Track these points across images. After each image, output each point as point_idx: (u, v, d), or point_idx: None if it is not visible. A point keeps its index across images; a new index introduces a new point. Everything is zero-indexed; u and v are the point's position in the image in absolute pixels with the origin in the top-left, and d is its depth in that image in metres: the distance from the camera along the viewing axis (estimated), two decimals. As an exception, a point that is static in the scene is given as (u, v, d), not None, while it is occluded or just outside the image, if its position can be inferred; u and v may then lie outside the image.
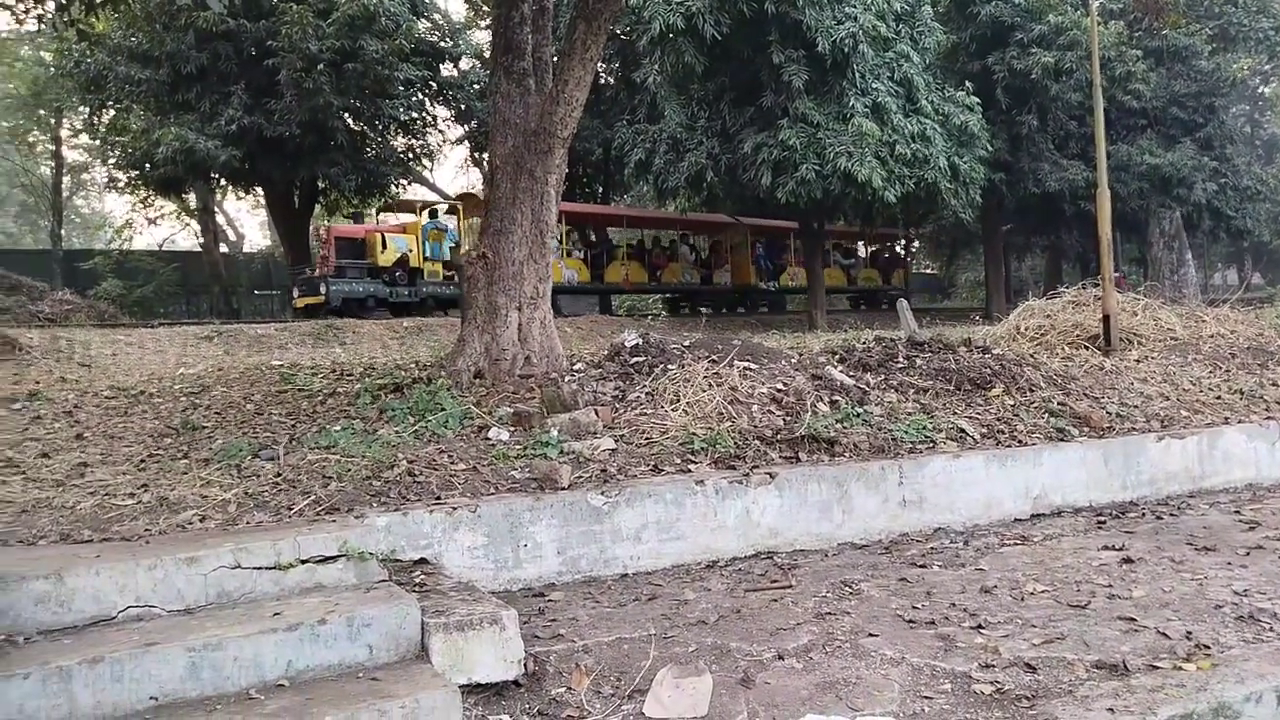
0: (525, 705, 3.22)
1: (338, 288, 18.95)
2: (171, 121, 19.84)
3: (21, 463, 5.44)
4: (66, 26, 9.01)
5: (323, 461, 4.94)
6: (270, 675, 3.03)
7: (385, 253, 19.83)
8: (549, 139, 6.80)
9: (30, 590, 3.18)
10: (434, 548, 4.16)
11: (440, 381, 6.45)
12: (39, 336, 11.57)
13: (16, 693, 2.73)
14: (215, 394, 7.32)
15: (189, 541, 3.71)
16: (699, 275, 25.63)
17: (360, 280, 19.38)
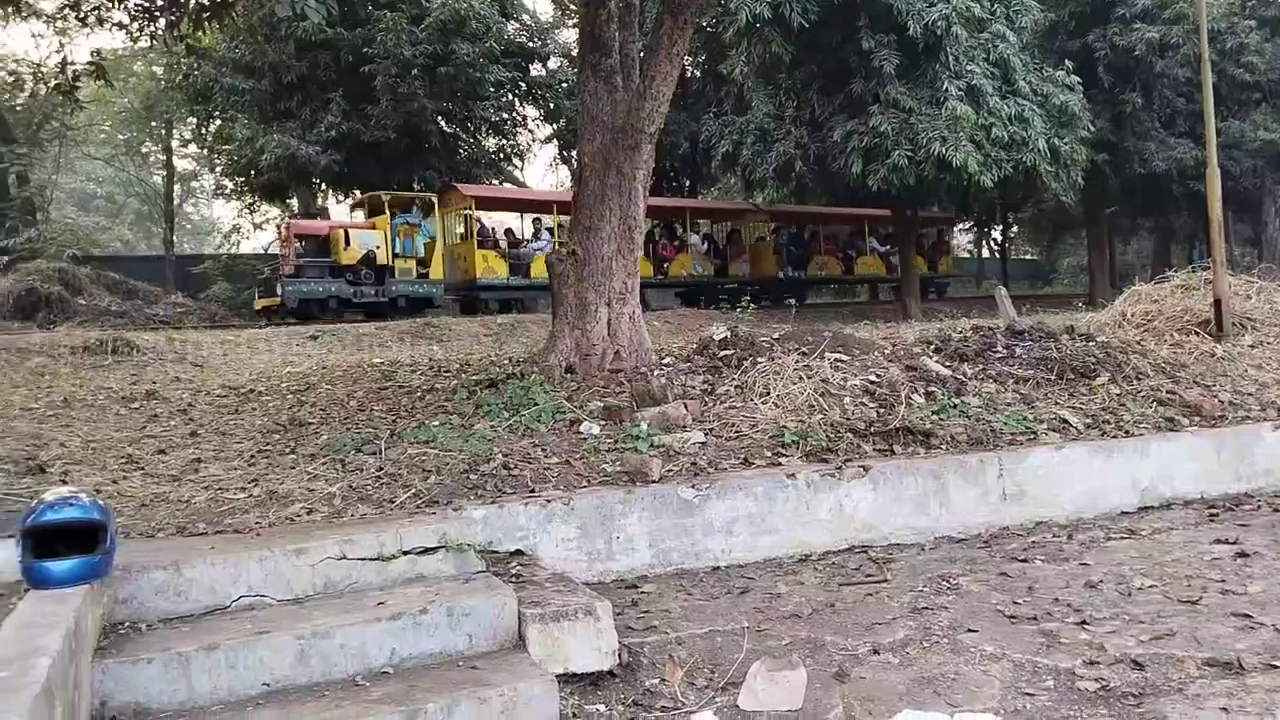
0: (620, 695, 3.26)
1: (294, 288, 17.50)
2: (274, 129, 20.60)
3: (140, 459, 5.73)
4: (176, 41, 9.45)
5: (422, 456, 5.08)
6: (375, 663, 3.14)
7: (349, 250, 18.11)
8: (636, 135, 6.84)
9: (151, 580, 3.36)
10: (529, 539, 4.23)
11: (533, 377, 6.56)
12: (154, 339, 12.17)
13: (141, 677, 2.89)
14: (320, 391, 7.59)
15: (297, 533, 3.86)
16: (712, 267, 23.69)
17: (321, 280, 17.85)
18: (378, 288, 18.23)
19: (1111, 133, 23.13)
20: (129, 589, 3.29)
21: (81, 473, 5.23)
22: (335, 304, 17.83)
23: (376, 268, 18.26)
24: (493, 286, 19.62)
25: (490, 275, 19.45)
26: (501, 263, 19.73)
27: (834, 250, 26.26)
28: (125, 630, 3.20)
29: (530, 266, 19.73)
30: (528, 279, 19.84)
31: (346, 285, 17.95)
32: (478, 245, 19.59)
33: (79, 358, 10.65)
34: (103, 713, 2.82)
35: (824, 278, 26.18)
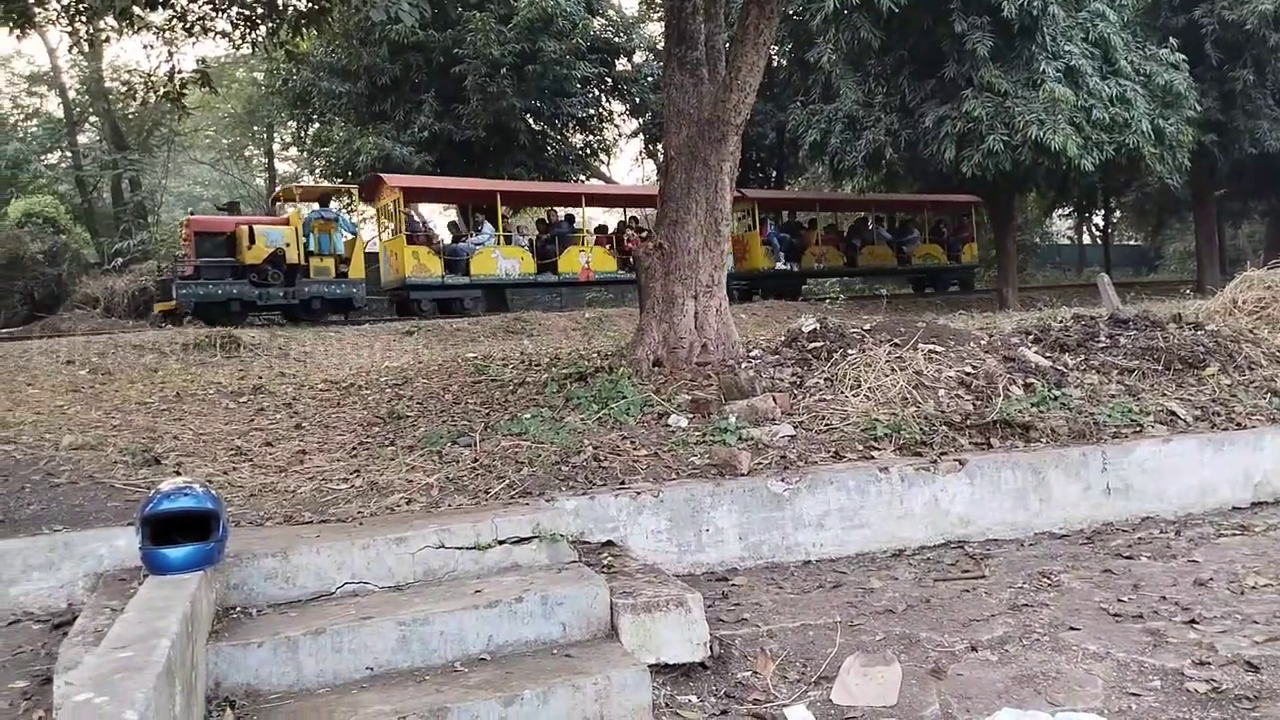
0: (712, 687, 3.27)
1: (189, 291, 15.86)
2: (370, 131, 21.18)
3: (249, 451, 5.98)
4: (276, 48, 9.79)
5: (515, 448, 5.18)
6: (473, 649, 3.23)
7: (253, 248, 16.43)
8: (723, 127, 6.81)
9: (261, 567, 3.51)
10: (619, 531, 4.27)
11: (621, 370, 6.61)
12: (259, 335, 12.64)
13: (253, 660, 3.03)
14: (416, 385, 7.79)
15: (397, 523, 3.99)
16: None
17: (220, 281, 16.15)
18: (287, 289, 16.48)
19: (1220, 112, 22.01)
20: (240, 575, 3.45)
21: (194, 464, 5.49)
22: (238, 307, 16.15)
23: (286, 267, 16.53)
24: (425, 286, 17.58)
25: (422, 274, 17.39)
26: (435, 260, 17.59)
27: (834, 240, 24.09)
28: (237, 615, 3.35)
29: (470, 263, 17.90)
30: (468, 276, 17.91)
31: (250, 287, 16.25)
32: (406, 241, 17.56)
33: (189, 354, 11.13)
34: (217, 693, 2.96)
35: (821, 270, 23.85)
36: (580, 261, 19.20)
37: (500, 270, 18.18)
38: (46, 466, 4.88)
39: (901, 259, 24.23)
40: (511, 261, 18.48)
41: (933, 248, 24.75)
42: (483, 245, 18.24)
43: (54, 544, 3.86)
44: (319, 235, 16.85)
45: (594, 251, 19.57)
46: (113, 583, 3.68)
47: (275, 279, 16.39)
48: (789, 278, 22.52)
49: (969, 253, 25.30)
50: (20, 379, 9.12)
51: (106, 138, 28.23)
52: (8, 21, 8.53)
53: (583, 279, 19.53)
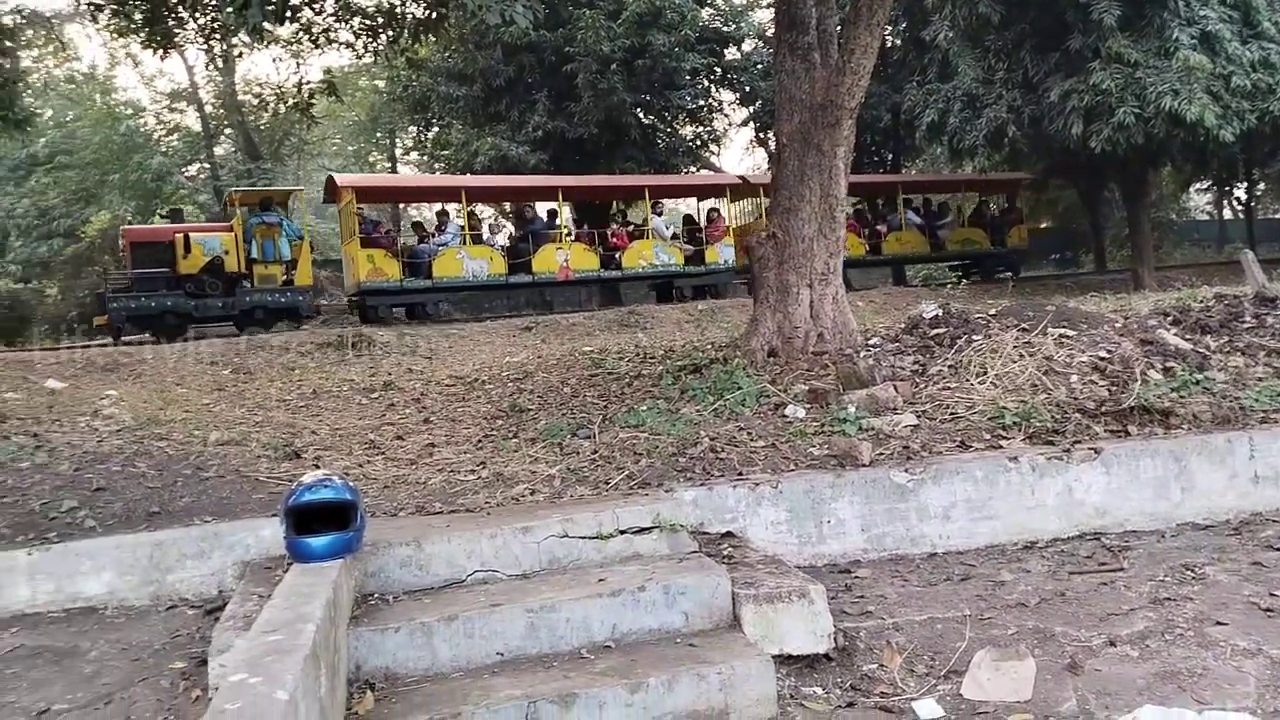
0: (837, 679, 3.25)
1: (120, 305, 15.01)
2: (486, 132, 21.68)
3: (382, 444, 6.23)
4: (397, 56, 10.14)
5: (633, 439, 5.24)
6: (597, 637, 3.29)
7: (189, 257, 15.47)
8: (836, 111, 6.71)
9: (396, 555, 3.67)
10: (738, 522, 4.27)
11: (736, 361, 6.60)
12: (388, 334, 13.15)
13: (390, 644, 3.17)
14: (537, 379, 7.97)
15: (522, 513, 4.09)
16: (681, 255, 19.14)
17: (154, 294, 15.21)
18: (227, 299, 15.55)
19: (1381, 71, 20.36)
20: (377, 563, 3.61)
21: (331, 457, 5.76)
22: (174, 320, 15.23)
23: (225, 276, 15.64)
24: (381, 290, 16.37)
25: (377, 278, 16.20)
26: (392, 262, 16.37)
27: (855, 227, 21.01)
28: (375, 601, 3.51)
29: (432, 265, 16.63)
30: (429, 280, 16.65)
31: (186, 298, 15.30)
32: (361, 243, 16.39)
33: (324, 353, 11.68)
34: (358, 676, 3.10)
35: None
36: (558, 260, 17.70)
37: (466, 271, 16.84)
38: (196, 461, 5.19)
39: (935, 244, 21.83)
40: (479, 262, 17.06)
41: (973, 232, 22.39)
42: (446, 246, 17.00)
43: (205, 534, 4.13)
44: (262, 241, 15.91)
45: (573, 249, 18.00)
46: (259, 570, 3.91)
47: (213, 289, 15.52)
48: None
49: (1016, 236, 22.84)
50: (170, 379, 9.74)
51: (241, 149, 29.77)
52: (151, 43, 9.08)
53: (561, 278, 17.93)
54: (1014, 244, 22.73)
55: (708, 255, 19.15)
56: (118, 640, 3.66)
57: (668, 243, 19.17)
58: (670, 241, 19.21)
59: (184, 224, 17.93)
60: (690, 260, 19.06)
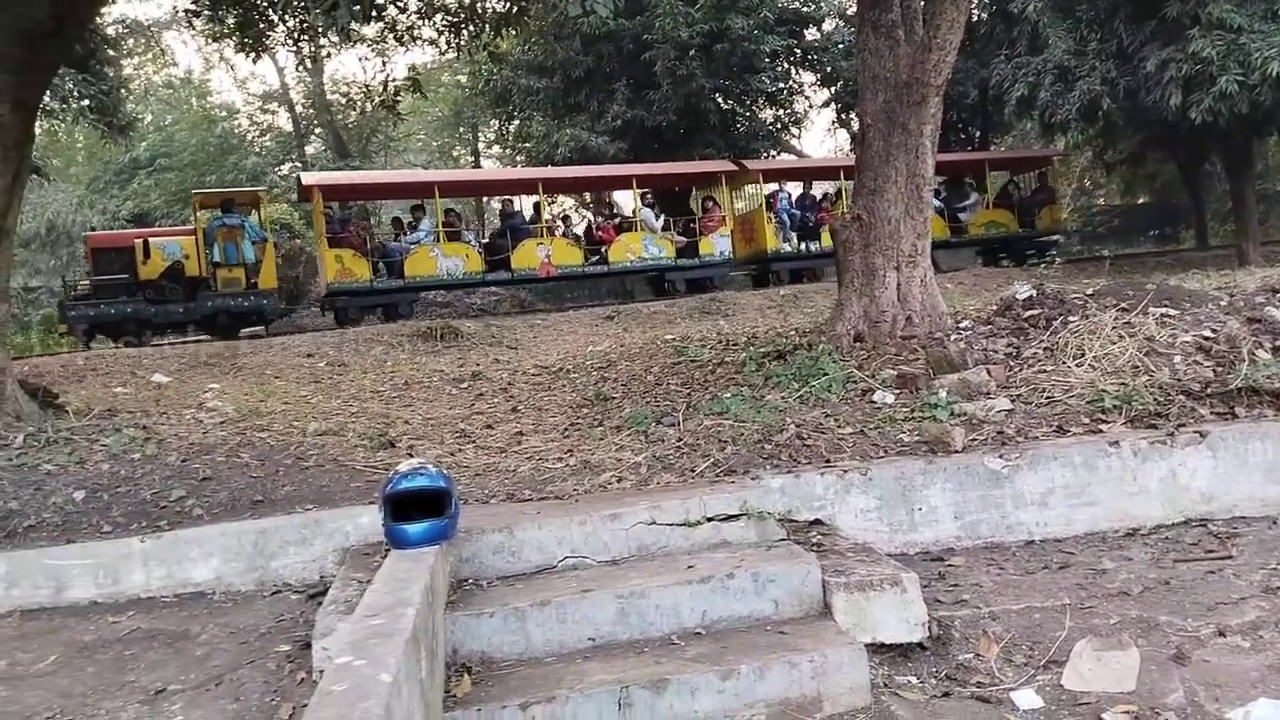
0: (932, 669, 3.20)
1: (79, 313, 14.86)
2: (566, 124, 21.84)
3: (472, 433, 6.35)
4: (479, 50, 10.27)
5: (717, 426, 5.23)
6: (688, 623, 3.31)
7: (149, 263, 15.18)
8: (922, 89, 6.56)
9: (488, 542, 3.74)
10: (827, 509, 4.23)
11: (821, 347, 6.52)
12: (474, 325, 13.38)
13: (485, 629, 3.24)
14: (620, 368, 8.01)
15: (610, 500, 4.13)
16: (672, 247, 18.10)
17: (114, 300, 14.94)
18: (188, 305, 15.27)
19: None
20: (471, 549, 3.69)
21: (424, 446, 5.89)
22: (134, 326, 15.04)
23: (185, 280, 15.31)
24: (350, 291, 15.89)
25: (346, 278, 15.75)
26: (361, 263, 15.94)
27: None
28: (470, 586, 3.59)
29: (404, 264, 16.17)
30: (401, 279, 16.15)
31: (146, 304, 15.05)
32: (329, 243, 15.94)
33: (414, 344, 11.96)
34: (455, 659, 3.18)
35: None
36: (539, 255, 16.99)
37: (440, 270, 16.34)
38: (296, 451, 5.37)
39: (956, 228, 20.33)
40: (454, 260, 16.46)
41: (999, 214, 20.79)
42: (419, 243, 16.52)
43: (306, 522, 4.27)
44: (224, 244, 15.49)
45: (555, 244, 17.27)
46: (358, 557, 4.03)
47: (173, 294, 15.22)
48: (803, 259, 19.18)
49: (1048, 217, 21.23)
50: (269, 373, 10.08)
51: (330, 147, 30.62)
52: (243, 47, 9.39)
53: (543, 274, 17.19)
54: (1045, 226, 21.18)
55: (702, 247, 18.21)
56: (226, 624, 3.82)
57: (658, 234, 18.12)
58: (661, 233, 18.21)
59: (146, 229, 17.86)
60: (683, 252, 18.16)
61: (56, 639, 3.74)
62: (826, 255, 18.52)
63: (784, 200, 19.30)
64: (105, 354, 11.30)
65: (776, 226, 18.73)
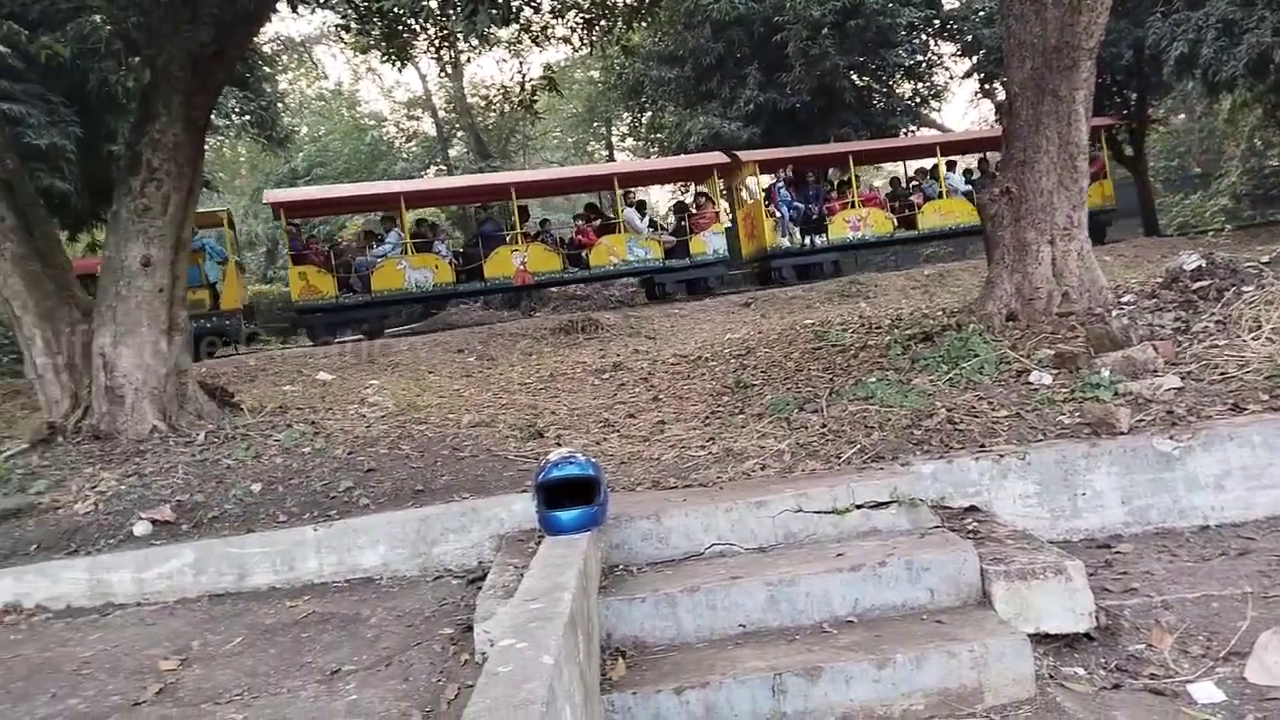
0: (1101, 660, 3.06)
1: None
2: (699, 112, 21.81)
3: (615, 423, 6.46)
4: (611, 44, 10.38)
5: (862, 412, 5.15)
6: (839, 611, 3.28)
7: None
8: (1072, 53, 6.23)
9: (637, 528, 3.81)
10: (982, 495, 4.10)
11: (971, 327, 6.31)
12: (613, 317, 13.57)
13: (637, 614, 3.30)
14: (759, 355, 7.96)
15: (755, 488, 4.13)
16: (660, 248, 17.03)
17: None
18: None
19: None
20: (620, 536, 3.76)
21: (570, 436, 6.04)
22: None
23: None
24: (316, 309, 15.54)
25: (311, 295, 15.45)
26: (326, 279, 15.59)
27: (876, 200, 18.69)
28: (620, 572, 3.66)
29: (371, 279, 15.75)
30: (369, 294, 15.72)
31: None
32: (292, 260, 15.73)
33: (556, 338, 12.24)
34: (609, 643, 3.25)
35: (859, 241, 18.02)
36: (514, 263, 16.36)
37: (409, 283, 15.90)
38: (452, 442, 5.59)
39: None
40: (422, 272, 15.99)
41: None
42: (385, 257, 16.13)
43: (464, 510, 4.45)
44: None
45: (531, 250, 16.49)
46: (513, 543, 4.17)
47: None
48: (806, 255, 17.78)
49: (1098, 193, 18.41)
50: (422, 368, 10.51)
51: (472, 149, 31.56)
52: (389, 56, 9.79)
53: (519, 282, 16.52)
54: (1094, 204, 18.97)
55: (693, 246, 17.11)
56: (393, 608, 4.02)
57: (643, 235, 17.04)
58: (648, 233, 17.18)
59: None
60: (672, 253, 17.08)
61: (241, 622, 4.03)
62: (833, 250, 17.78)
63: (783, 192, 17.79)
64: (275, 355, 12.05)
65: (776, 222, 17.45)
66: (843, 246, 17.93)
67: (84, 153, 14.72)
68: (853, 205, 17.83)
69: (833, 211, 17.80)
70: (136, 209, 6.14)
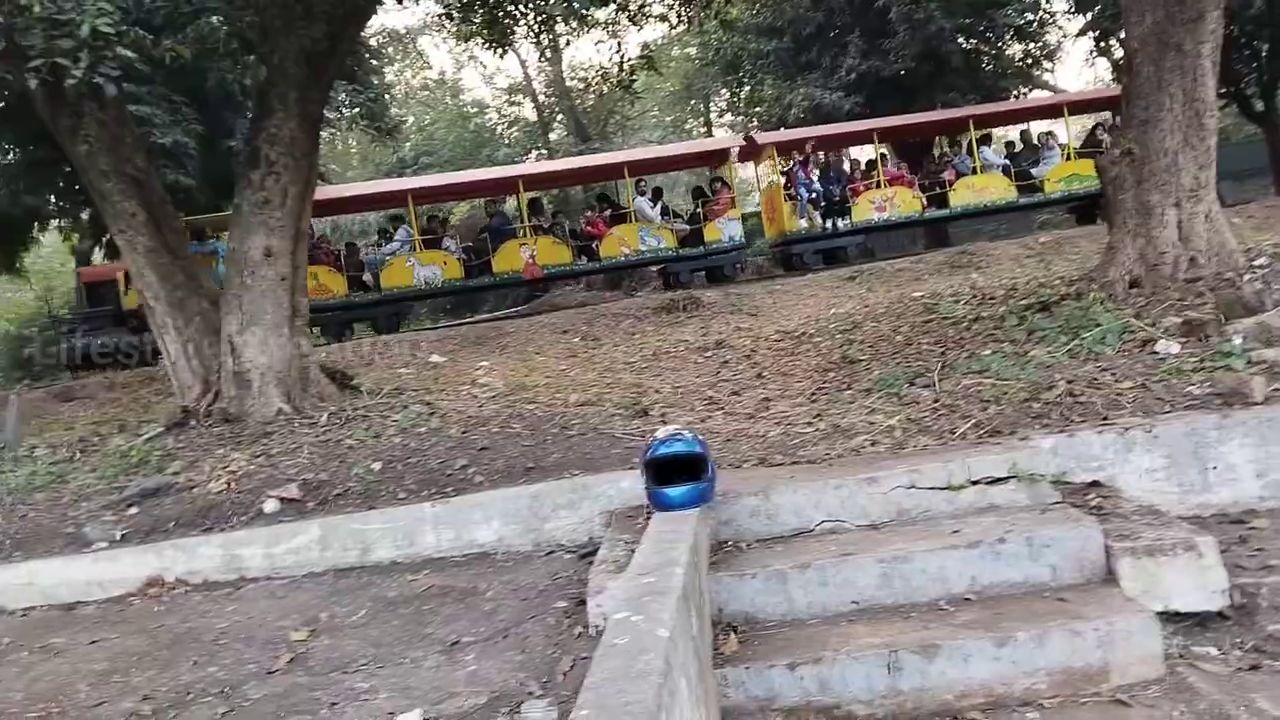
0: (1236, 639, 2.93)
1: (69, 344, 15.16)
2: (798, 83, 21.44)
3: (719, 400, 6.45)
4: (708, 19, 10.31)
5: (977, 386, 5.01)
6: (955, 588, 3.21)
7: (130, 293, 14.94)
8: (1197, 5, 5.89)
9: (745, 505, 3.81)
10: (1105, 470, 3.96)
11: (1092, 295, 6.07)
12: (714, 294, 13.51)
13: (748, 590, 3.31)
14: (866, 329, 7.82)
15: (864, 464, 4.07)
16: (673, 237, 16.32)
17: (101, 331, 15.16)
18: None
19: None
20: (729, 512, 3.77)
21: (675, 413, 6.06)
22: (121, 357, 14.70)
23: None
24: (329, 308, 15.39)
25: (323, 295, 15.21)
26: (337, 278, 15.65)
27: (900, 178, 17.34)
28: (729, 548, 3.67)
29: (380, 277, 15.78)
30: (379, 292, 15.72)
31: (130, 334, 14.82)
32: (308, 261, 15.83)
33: (658, 316, 12.25)
34: (720, 618, 3.27)
35: (886, 223, 17.01)
36: (522, 257, 16.01)
37: (418, 279, 15.78)
38: (561, 421, 5.68)
39: (1028, 187, 17.19)
40: (431, 269, 15.87)
41: (1081, 165, 16.70)
42: (394, 255, 16.10)
43: (575, 486, 4.53)
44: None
45: (539, 243, 16.08)
46: (622, 519, 4.23)
47: None
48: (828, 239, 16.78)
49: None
50: (529, 349, 10.70)
51: (572, 132, 31.82)
52: (490, 43, 9.95)
53: (528, 276, 16.22)
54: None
55: (707, 234, 16.40)
56: (508, 581, 4.13)
57: (655, 224, 16.41)
58: (661, 222, 16.51)
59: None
60: (686, 241, 16.42)
61: (365, 595, 4.20)
62: (857, 233, 16.89)
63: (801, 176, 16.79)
64: (389, 340, 12.42)
65: (795, 206, 16.60)
66: (867, 229, 17.10)
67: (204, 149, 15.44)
68: (878, 185, 16.94)
69: (856, 193, 16.82)
70: (257, 202, 6.41)
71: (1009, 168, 17.42)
